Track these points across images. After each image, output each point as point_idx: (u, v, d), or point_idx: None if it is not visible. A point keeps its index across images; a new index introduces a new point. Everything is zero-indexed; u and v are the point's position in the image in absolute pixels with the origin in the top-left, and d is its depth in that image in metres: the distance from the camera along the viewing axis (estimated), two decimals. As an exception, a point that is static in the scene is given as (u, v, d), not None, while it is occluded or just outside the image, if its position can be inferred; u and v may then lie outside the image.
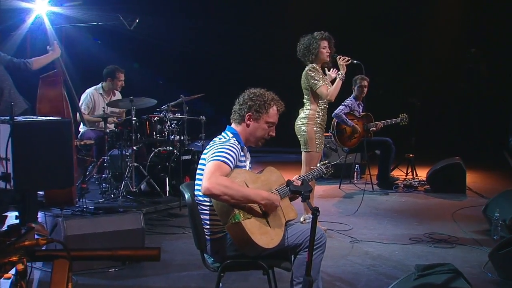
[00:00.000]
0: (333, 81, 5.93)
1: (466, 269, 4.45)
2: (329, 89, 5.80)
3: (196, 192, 3.31)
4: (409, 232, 6.04)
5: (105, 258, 1.49)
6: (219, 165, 3.06)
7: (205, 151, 3.31)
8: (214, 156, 3.11)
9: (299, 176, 3.54)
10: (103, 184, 7.38)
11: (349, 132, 8.46)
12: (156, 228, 6.08)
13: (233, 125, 3.46)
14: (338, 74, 5.90)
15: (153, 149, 7.78)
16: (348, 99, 8.58)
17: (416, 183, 8.74)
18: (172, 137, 7.62)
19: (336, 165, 4.30)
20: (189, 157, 7.60)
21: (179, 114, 7.85)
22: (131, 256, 1.54)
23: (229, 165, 3.11)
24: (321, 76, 5.85)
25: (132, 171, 7.20)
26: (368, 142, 8.35)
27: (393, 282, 3.85)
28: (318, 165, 3.85)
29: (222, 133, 3.43)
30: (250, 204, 3.11)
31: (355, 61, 5.96)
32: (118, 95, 8.09)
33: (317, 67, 5.88)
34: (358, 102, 8.66)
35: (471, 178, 8.71)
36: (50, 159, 4.79)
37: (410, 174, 9.40)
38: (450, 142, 12.24)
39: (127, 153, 7.41)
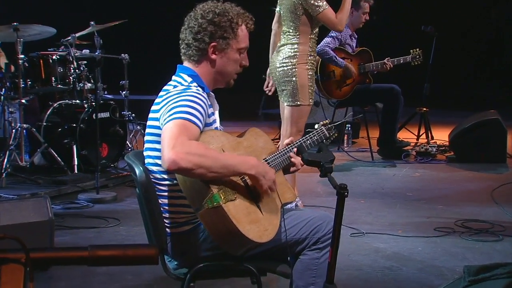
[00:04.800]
0: None
1: (524, 270, 4.55)
2: (337, 14, 5.86)
3: (148, 167, 3.24)
4: (432, 219, 6.13)
5: (78, 261, 1.43)
6: (184, 126, 2.98)
7: (154, 107, 3.22)
8: (174, 114, 3.02)
9: (298, 141, 3.52)
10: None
11: (339, 76, 8.47)
12: (63, 220, 6.00)
13: (187, 64, 3.38)
14: None
15: (51, 103, 7.63)
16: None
17: (434, 149, 8.92)
18: (81, 85, 7.53)
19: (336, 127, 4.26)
20: (107, 114, 7.51)
21: (90, 50, 7.70)
22: (117, 258, 1.47)
23: (197, 125, 3.03)
24: None
25: (20, 137, 7.07)
26: (365, 91, 8.40)
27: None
28: (317, 126, 3.82)
29: (174, 77, 3.34)
30: (232, 179, 3.07)
31: None
32: None
33: None
34: (351, 32, 8.66)
35: (513, 141, 8.91)
36: None
37: (424, 136, 9.55)
38: (480, 89, 12.40)
39: (11, 109, 7.25)
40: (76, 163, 7.31)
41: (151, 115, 3.24)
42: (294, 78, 5.90)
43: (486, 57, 12.78)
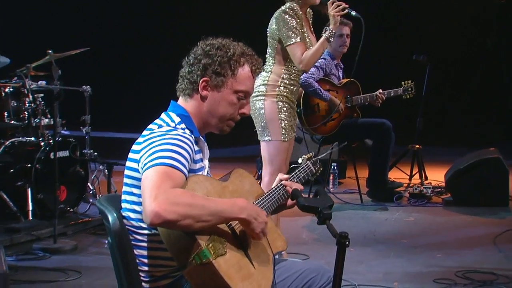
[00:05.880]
0: None
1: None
2: (306, 51, 5.78)
3: (124, 213, 3.20)
4: (431, 269, 6.09)
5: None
6: (165, 173, 2.94)
7: (135, 147, 3.19)
8: (155, 159, 2.97)
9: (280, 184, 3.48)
10: None
11: (324, 110, 8.43)
12: (17, 274, 5.88)
13: (181, 101, 3.37)
14: (324, 31, 5.89)
15: (2, 140, 7.54)
16: (321, 57, 8.53)
17: (429, 191, 8.88)
18: (36, 120, 7.49)
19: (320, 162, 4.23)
20: (66, 153, 7.45)
21: (47, 82, 7.63)
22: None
23: (181, 171, 3.00)
24: (300, 27, 5.82)
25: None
26: (353, 126, 8.37)
27: None
28: (300, 160, 3.80)
29: (163, 114, 3.32)
30: (220, 229, 3.02)
31: (354, 13, 6.00)
32: None
33: (298, 10, 5.84)
34: (336, 62, 8.66)
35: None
36: None
37: (418, 176, 9.53)
38: (478, 124, 12.45)
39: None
40: (30, 208, 7.21)
41: (131, 155, 3.22)
42: (262, 111, 5.88)
43: (483, 89, 12.84)
